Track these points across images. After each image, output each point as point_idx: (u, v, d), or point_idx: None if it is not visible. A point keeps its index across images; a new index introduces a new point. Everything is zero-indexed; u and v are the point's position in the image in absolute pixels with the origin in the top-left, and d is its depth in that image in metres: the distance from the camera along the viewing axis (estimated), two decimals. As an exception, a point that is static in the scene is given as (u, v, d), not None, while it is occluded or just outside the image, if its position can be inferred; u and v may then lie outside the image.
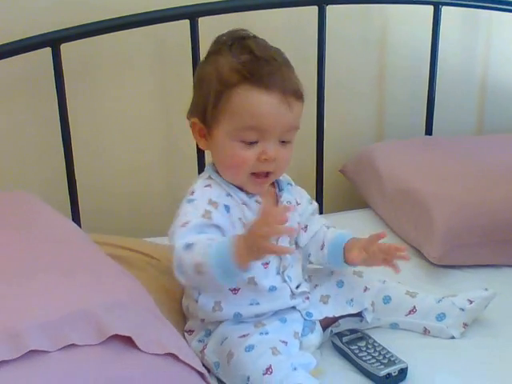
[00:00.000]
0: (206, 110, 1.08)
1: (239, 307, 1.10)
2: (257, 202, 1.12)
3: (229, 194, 1.10)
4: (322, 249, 1.19)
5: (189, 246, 0.99)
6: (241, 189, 1.11)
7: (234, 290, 1.09)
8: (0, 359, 0.78)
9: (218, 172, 1.12)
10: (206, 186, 1.10)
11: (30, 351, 0.79)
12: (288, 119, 1.07)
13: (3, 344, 0.79)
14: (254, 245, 0.93)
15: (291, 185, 1.21)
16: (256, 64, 1.05)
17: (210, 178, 1.12)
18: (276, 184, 1.18)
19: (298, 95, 1.08)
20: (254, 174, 1.09)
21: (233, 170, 1.09)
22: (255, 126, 1.05)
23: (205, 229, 1.03)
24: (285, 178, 1.20)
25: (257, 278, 1.08)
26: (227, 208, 1.08)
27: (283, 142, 1.08)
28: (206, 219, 1.04)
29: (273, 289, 1.11)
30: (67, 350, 0.81)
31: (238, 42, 1.08)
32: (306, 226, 1.21)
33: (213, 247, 0.97)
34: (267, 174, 1.10)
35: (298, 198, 1.21)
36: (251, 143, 1.06)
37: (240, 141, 1.06)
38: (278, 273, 1.12)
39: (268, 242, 0.93)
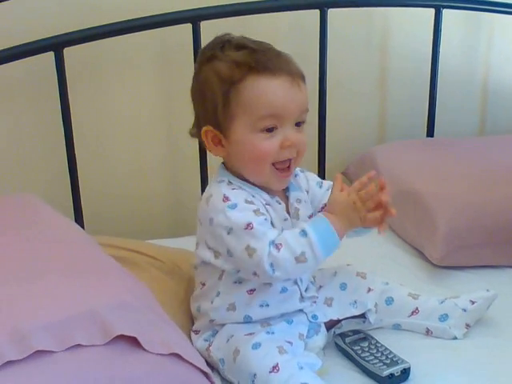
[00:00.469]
0: (216, 114, 1.07)
1: (250, 309, 1.11)
2: (277, 202, 1.12)
3: (253, 196, 1.09)
4: None
5: (275, 244, 1.02)
6: (262, 189, 1.11)
7: (250, 291, 1.10)
8: (6, 360, 0.79)
9: (235, 176, 1.11)
10: (232, 189, 1.09)
11: (35, 352, 0.80)
12: (301, 100, 1.07)
13: (9, 345, 0.80)
14: (357, 218, 1.04)
15: (297, 175, 1.20)
16: (255, 55, 1.05)
17: (230, 182, 1.10)
18: None
19: (303, 76, 1.09)
20: (277, 168, 1.09)
21: (257, 164, 1.08)
22: (272, 113, 1.05)
23: (265, 225, 1.05)
24: None
25: None
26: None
27: (297, 126, 1.08)
28: (261, 215, 1.05)
29: (284, 290, 1.11)
30: (73, 350, 0.82)
31: (227, 43, 1.08)
32: (322, 208, 1.18)
33: (310, 235, 1.02)
34: (289, 166, 1.10)
35: (306, 186, 1.20)
36: (271, 132, 1.06)
37: (260, 131, 1.06)
38: None
39: (368, 214, 1.04)
